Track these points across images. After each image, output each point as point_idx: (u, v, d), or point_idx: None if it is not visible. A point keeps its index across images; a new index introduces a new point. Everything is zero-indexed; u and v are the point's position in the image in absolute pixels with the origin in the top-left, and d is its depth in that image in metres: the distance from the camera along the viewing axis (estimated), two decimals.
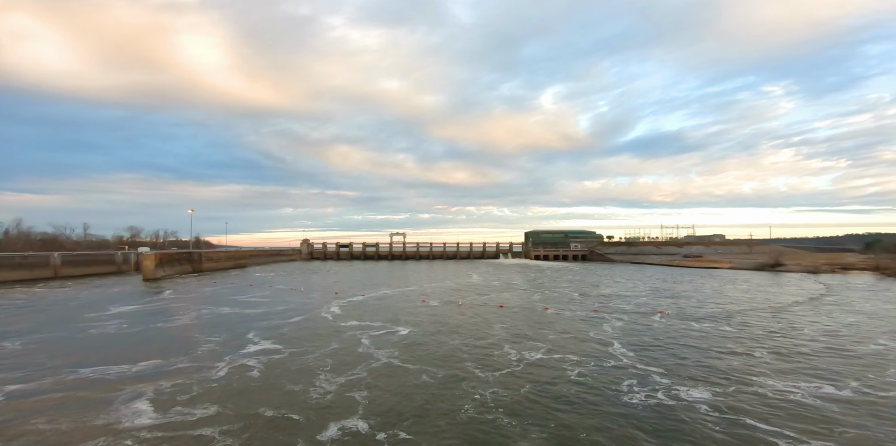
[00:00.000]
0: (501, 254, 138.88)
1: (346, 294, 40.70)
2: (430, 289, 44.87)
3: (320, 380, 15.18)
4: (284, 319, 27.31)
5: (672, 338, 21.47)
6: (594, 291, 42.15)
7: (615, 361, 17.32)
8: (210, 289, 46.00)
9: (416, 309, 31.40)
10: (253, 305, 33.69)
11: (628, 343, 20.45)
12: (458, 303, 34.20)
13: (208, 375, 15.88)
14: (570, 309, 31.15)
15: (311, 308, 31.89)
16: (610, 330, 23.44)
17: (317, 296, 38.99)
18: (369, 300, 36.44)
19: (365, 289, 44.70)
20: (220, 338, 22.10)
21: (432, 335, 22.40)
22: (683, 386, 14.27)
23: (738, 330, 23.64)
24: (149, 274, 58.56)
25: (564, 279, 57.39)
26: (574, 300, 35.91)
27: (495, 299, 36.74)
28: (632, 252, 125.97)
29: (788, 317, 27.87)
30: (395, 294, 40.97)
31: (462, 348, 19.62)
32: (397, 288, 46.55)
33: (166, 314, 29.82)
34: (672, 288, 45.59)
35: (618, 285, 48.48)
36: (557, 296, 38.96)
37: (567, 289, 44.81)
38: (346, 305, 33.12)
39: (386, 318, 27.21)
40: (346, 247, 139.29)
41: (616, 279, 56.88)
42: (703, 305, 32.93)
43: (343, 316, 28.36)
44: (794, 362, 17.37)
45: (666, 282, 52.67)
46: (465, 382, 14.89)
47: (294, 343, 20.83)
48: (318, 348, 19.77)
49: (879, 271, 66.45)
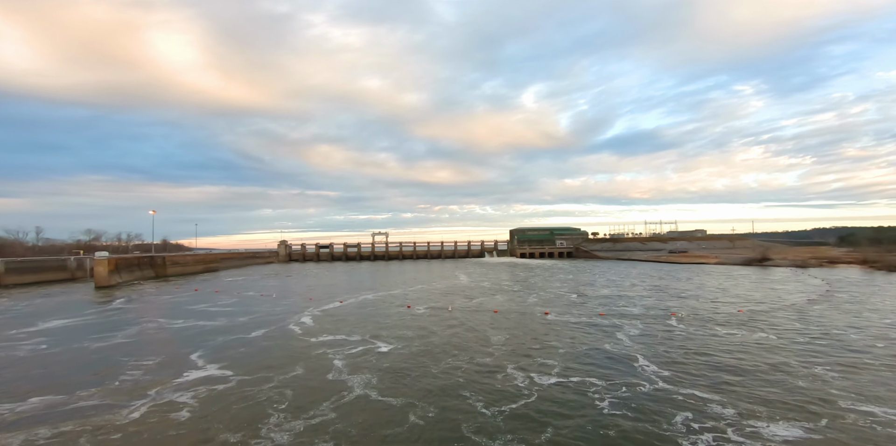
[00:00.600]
0: (486, 252, 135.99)
1: (321, 300, 36.54)
2: (416, 293, 41.08)
3: (270, 426, 11.29)
4: (244, 334, 23.11)
5: (702, 349, 18.33)
6: (592, 291, 39.15)
7: (650, 384, 13.96)
8: (168, 297, 41.07)
9: (401, 317, 27.58)
10: (212, 316, 29.25)
11: (655, 357, 17.18)
12: (448, 308, 30.53)
13: (114, 419, 11.79)
14: (573, 313, 27.90)
15: (279, 318, 27.69)
16: (626, 339, 20.18)
17: (288, 304, 34.71)
18: (347, 307, 32.41)
19: (344, 294, 40.58)
20: (156, 361, 17.86)
21: (420, 353, 18.66)
22: (757, 420, 10.97)
23: (774, 336, 20.71)
24: (102, 281, 52.82)
25: (556, 278, 54.44)
26: (573, 303, 32.72)
27: (487, 303, 33.23)
28: (617, 248, 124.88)
29: (814, 317, 25.25)
30: (376, 299, 37.02)
31: (457, 371, 15.96)
32: (379, 292, 42.59)
33: (104, 329, 25.18)
34: (672, 285, 43.05)
35: (614, 284, 45.74)
36: (554, 297, 35.73)
37: (562, 289, 41.71)
38: (320, 315, 29.03)
39: (365, 331, 23.32)
40: (327, 248, 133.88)
41: (610, 277, 54.26)
42: (714, 305, 30.19)
43: (315, 328, 24.32)
44: (872, 377, 14.38)
45: (663, 279, 50.26)
46: (467, 424, 11.24)
47: (247, 367, 16.79)
48: (277, 374, 15.79)
49: (867, 264, 66.02)
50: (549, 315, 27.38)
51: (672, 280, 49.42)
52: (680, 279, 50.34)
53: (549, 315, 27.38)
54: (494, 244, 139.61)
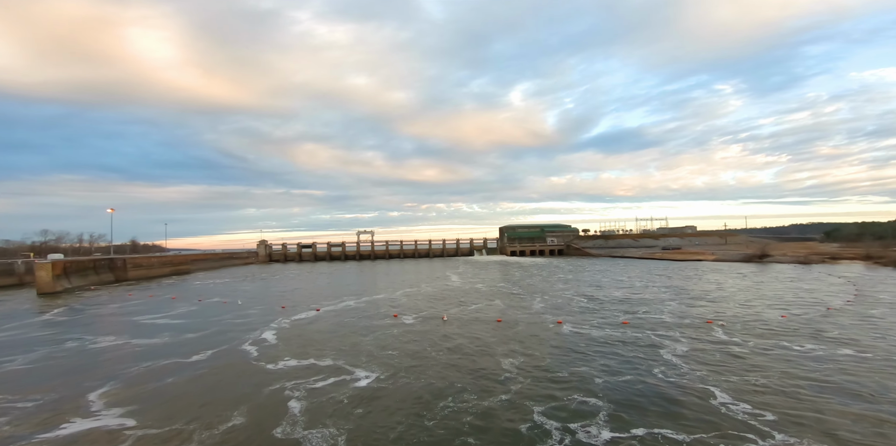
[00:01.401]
0: (476, 250, 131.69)
1: (295, 308, 31.45)
2: (404, 297, 36.27)
3: None
4: (182, 357, 18.03)
5: (792, 372, 14.01)
6: (602, 294, 34.94)
7: (762, 439, 9.50)
8: (116, 307, 35.37)
9: (386, 331, 22.77)
10: (154, 331, 23.97)
11: (736, 390, 12.67)
12: (442, 318, 25.84)
13: None
14: (591, 322, 23.51)
15: (236, 335, 22.60)
16: (677, 361, 15.80)
17: (254, 313, 29.54)
18: (323, 318, 27.44)
19: (322, 300, 35.52)
20: (37, 403, 12.78)
21: (409, 390, 13.88)
22: None
23: (866, 352, 16.61)
24: (45, 287, 46.52)
25: (556, 278, 50.25)
26: (587, 308, 28.39)
27: (488, 310, 28.66)
28: (609, 245, 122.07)
29: (882, 324, 21.37)
30: (359, 306, 32.09)
31: (462, 417, 11.30)
32: (363, 296, 37.64)
33: (5, 350, 19.74)
34: (687, 286, 39.18)
35: (622, 284, 41.70)
36: (562, 302, 31.37)
37: (567, 291, 37.42)
38: (288, 328, 24.02)
39: (340, 352, 18.46)
40: (309, 248, 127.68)
41: (615, 276, 50.30)
42: (750, 310, 26.20)
43: (276, 349, 19.33)
44: None
45: (671, 278, 46.46)
46: None
47: (162, 413, 11.82)
48: (201, 426, 10.89)
49: (872, 260, 63.78)
50: (563, 325, 22.95)
51: (682, 279, 45.67)
52: (690, 278, 46.63)
53: (563, 325, 22.95)
54: (484, 242, 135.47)
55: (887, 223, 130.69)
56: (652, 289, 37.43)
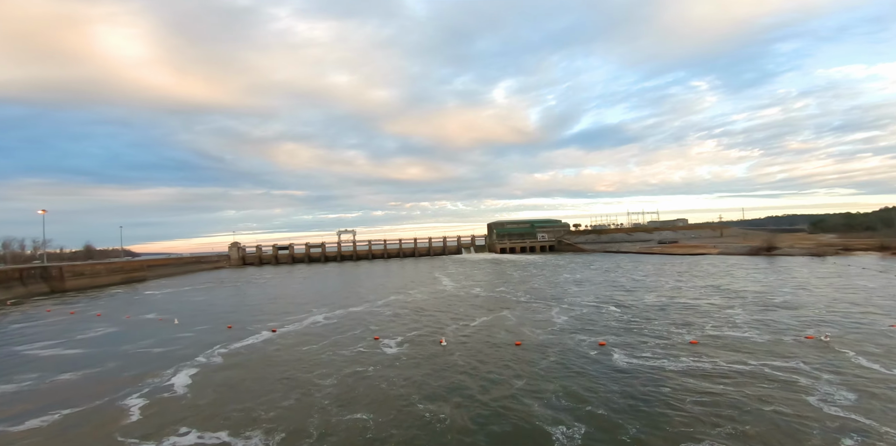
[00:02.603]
0: (464, 248, 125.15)
1: (245, 327, 24.18)
2: (387, 309, 29.32)
3: None
4: (8, 424, 10.74)
5: None
6: (630, 298, 28.70)
7: None
8: (16, 328, 27.39)
9: (359, 369, 15.81)
10: (20, 369, 16.40)
11: None
12: (440, 342, 18.97)
13: None
14: (644, 343, 17.08)
15: (133, 375, 15.29)
16: (835, 410, 9.38)
17: (186, 338, 22.17)
18: (276, 344, 20.28)
19: (285, 314, 28.29)
20: None
21: None
22: None
23: None
24: None
25: (562, 279, 44.02)
26: (626, 321, 22.00)
27: (497, 326, 21.99)
28: (603, 240, 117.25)
29: None
30: (329, 323, 25.01)
31: None
32: (338, 307, 30.52)
33: None
34: (722, 284, 33.28)
35: (645, 284, 35.68)
36: (588, 312, 24.94)
37: (586, 296, 31.08)
38: (217, 364, 16.81)
39: (277, 415, 11.43)
40: (286, 250, 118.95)
41: (630, 275, 44.33)
42: (849, 319, 20.26)
43: (176, 408, 12.13)
44: None
45: (695, 275, 40.63)
46: None
47: None
48: None
49: (889, 251, 59.86)
50: (609, 349, 16.44)
51: (706, 276, 39.94)
52: (714, 274, 40.92)
53: (609, 349, 16.44)
54: (472, 239, 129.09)
55: (872, 213, 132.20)
56: (685, 289, 31.36)
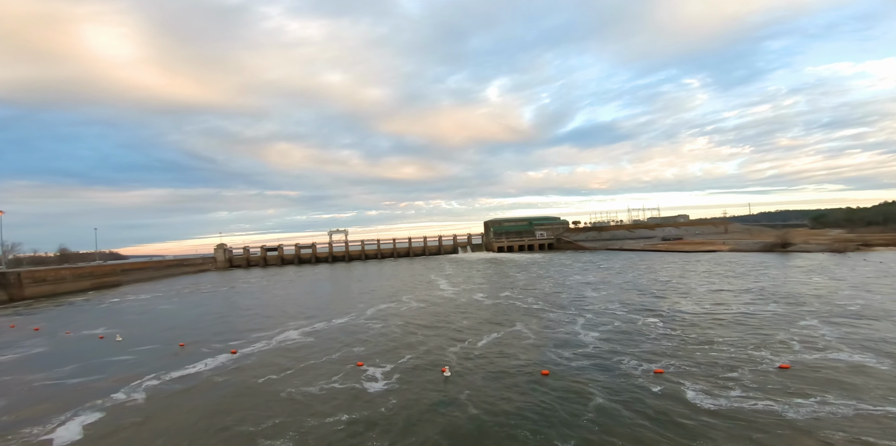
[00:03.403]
0: (460, 247, 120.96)
1: (199, 348, 19.75)
2: (377, 321, 25.02)
3: None
4: None
5: None
6: (663, 305, 24.63)
7: None
8: None
9: (331, 416, 11.46)
10: None
11: None
12: (442, 371, 14.67)
13: None
14: (710, 368, 12.93)
15: (11, 424, 10.88)
16: None
17: (122, 362, 17.70)
18: (228, 373, 15.86)
19: (253, 329, 23.87)
20: None
21: None
22: None
23: None
24: None
25: (573, 281, 39.96)
26: (672, 336, 17.89)
27: (512, 346, 17.76)
28: (604, 237, 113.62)
29: None
30: (305, 341, 20.66)
31: None
32: (319, 319, 26.18)
33: None
34: (765, 286, 29.39)
35: (670, 286, 31.72)
36: (620, 324, 20.80)
37: (609, 302, 26.98)
38: (133, 409, 12.37)
39: None
40: (275, 251, 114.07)
41: (649, 276, 40.38)
42: None
43: None
44: None
45: (725, 276, 36.60)
46: None
47: None
48: None
49: None
50: (669, 378, 12.29)
51: (738, 276, 35.98)
52: (746, 274, 36.89)
53: (669, 378, 12.29)
54: (468, 238, 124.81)
55: (872, 208, 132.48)
56: (725, 293, 27.28)
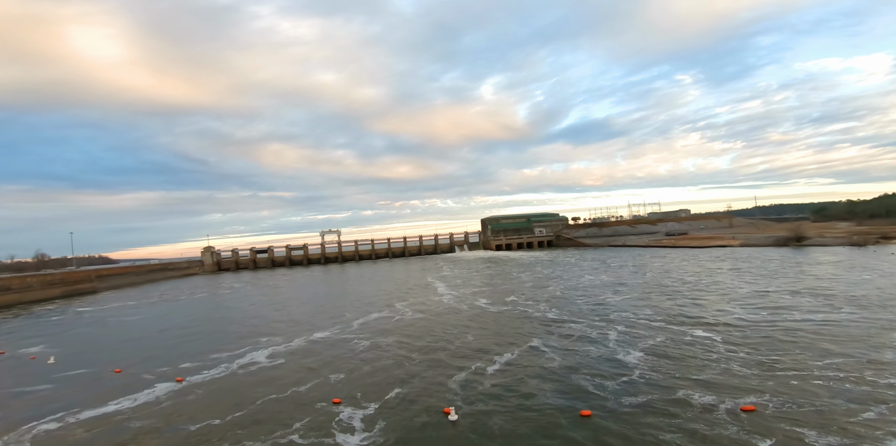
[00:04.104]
0: (457, 246, 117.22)
1: (141, 373, 15.83)
2: (364, 337, 21.17)
3: None
4: None
5: None
6: (712, 314, 20.94)
7: None
8: None
9: None
10: None
11: None
12: (445, 412, 10.88)
13: None
14: (818, 404, 9.24)
15: None
16: None
17: (37, 392, 13.77)
18: (158, 413, 11.96)
19: (214, 348, 19.95)
20: None
21: None
22: None
23: None
24: None
25: (585, 282, 36.31)
26: (746, 360, 14.20)
27: (531, 372, 13.99)
28: (605, 234, 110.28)
29: None
30: (271, 367, 16.79)
31: None
32: (296, 335, 22.32)
33: None
34: (814, 286, 25.91)
35: (701, 287, 28.16)
36: (665, 341, 17.09)
37: (639, 309, 23.28)
38: None
39: None
40: (265, 253, 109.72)
41: (676, 276, 36.77)
42: None
43: None
44: None
45: (760, 275, 32.95)
46: None
47: None
48: None
49: None
50: (763, 416, 8.56)
51: (774, 275, 32.33)
52: (780, 272, 33.23)
53: (763, 416, 8.56)
54: (465, 236, 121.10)
55: (873, 200, 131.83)
56: (774, 296, 23.51)
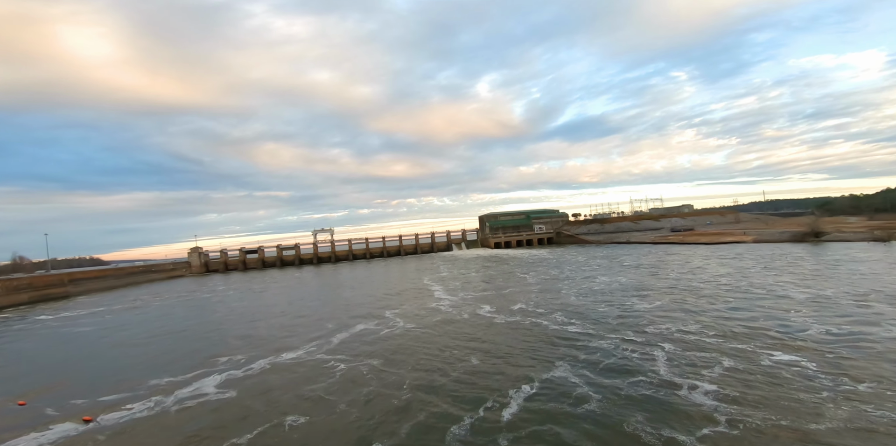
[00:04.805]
0: (454, 244, 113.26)
1: (47, 408, 11.89)
2: (343, 360, 17.25)
3: None
4: None
5: None
6: (778, 324, 17.13)
7: None
8: None
9: None
10: None
11: None
12: None
13: None
14: None
15: None
16: None
17: None
18: None
19: (155, 373, 15.98)
20: None
21: None
22: None
23: None
24: None
25: (600, 284, 32.51)
26: (860, 396, 10.40)
27: (565, 413, 10.13)
28: (608, 230, 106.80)
29: None
30: (216, 401, 12.85)
31: None
32: (261, 355, 18.38)
33: None
34: (885, 289, 22.21)
35: (743, 290, 24.43)
36: (735, 365, 13.19)
37: (678, 320, 19.47)
38: None
39: None
40: (255, 254, 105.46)
41: (706, 277, 32.89)
42: None
43: None
44: None
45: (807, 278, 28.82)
46: None
47: None
48: None
49: None
50: None
51: (822, 276, 28.45)
52: (825, 273, 29.37)
53: None
54: (462, 234, 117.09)
55: (876, 194, 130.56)
56: (835, 301, 19.87)
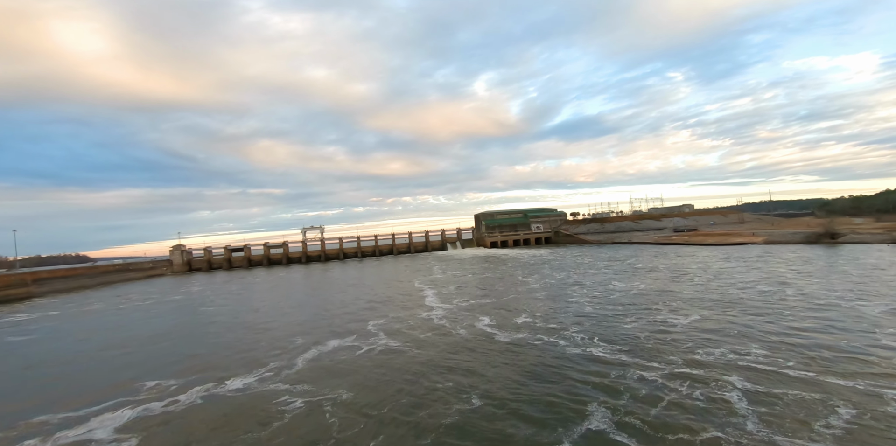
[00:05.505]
0: (449, 243, 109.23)
1: None
2: (304, 389, 13.26)
3: None
4: None
5: None
6: (868, 351, 13.47)
7: None
8: None
9: None
10: None
11: None
12: None
13: None
14: None
15: None
16: None
17: None
18: None
19: (50, 408, 11.91)
20: None
21: None
22: None
23: None
24: None
25: (616, 291, 28.74)
26: None
27: None
28: (608, 230, 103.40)
29: None
30: None
31: None
32: (203, 378, 14.35)
33: None
34: None
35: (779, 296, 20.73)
36: (862, 417, 9.51)
37: (733, 342, 15.72)
38: None
39: None
40: (241, 252, 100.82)
41: (734, 282, 29.22)
42: None
43: None
44: None
45: (851, 281, 25.77)
46: None
47: None
48: None
49: None
50: None
51: (867, 282, 25.22)
52: (882, 282, 26.20)
53: None
54: (457, 233, 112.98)
55: (876, 195, 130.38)
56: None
